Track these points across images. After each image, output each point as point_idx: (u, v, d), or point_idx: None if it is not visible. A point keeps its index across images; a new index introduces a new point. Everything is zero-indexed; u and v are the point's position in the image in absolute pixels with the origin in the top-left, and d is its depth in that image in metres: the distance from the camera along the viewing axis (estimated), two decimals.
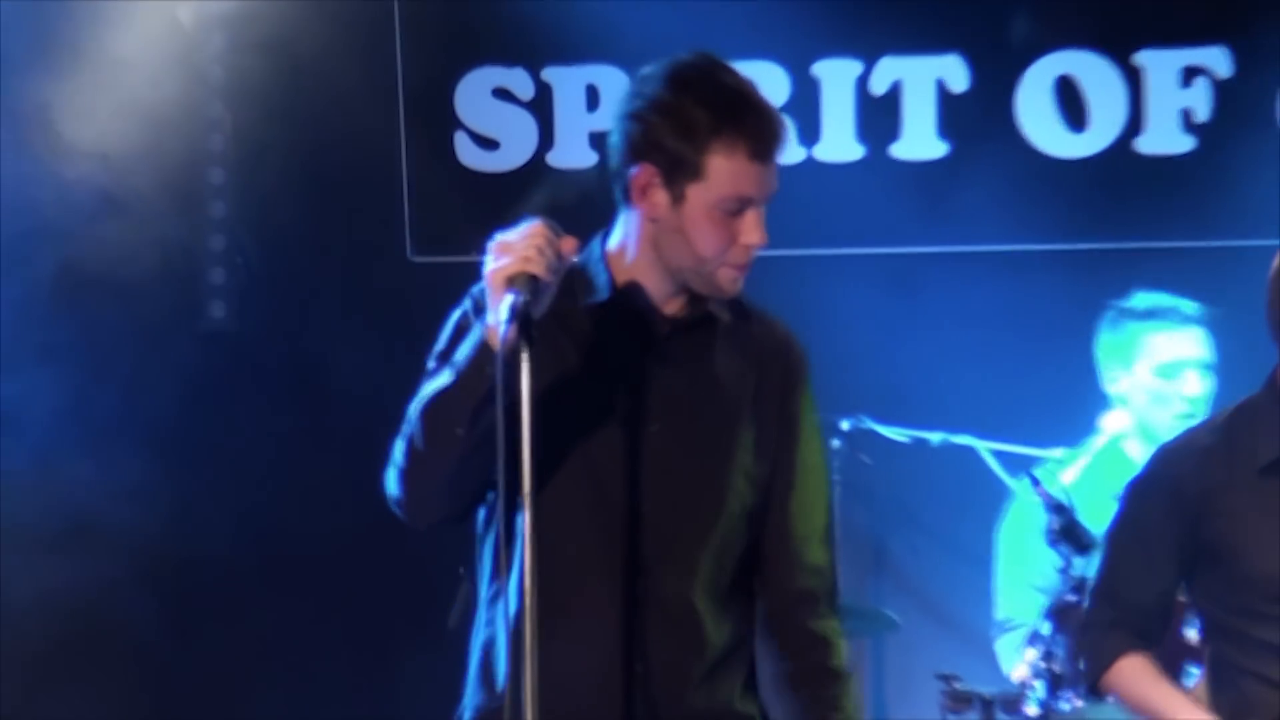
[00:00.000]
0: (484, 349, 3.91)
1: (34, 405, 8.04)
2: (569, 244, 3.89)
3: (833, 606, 4.36)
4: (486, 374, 3.89)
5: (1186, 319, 6.81)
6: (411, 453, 4.11)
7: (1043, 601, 6.65)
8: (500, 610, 4.15)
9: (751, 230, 4.09)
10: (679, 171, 4.07)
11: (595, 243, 4.20)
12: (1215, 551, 5.24)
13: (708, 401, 4.31)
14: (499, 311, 3.82)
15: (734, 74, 4.17)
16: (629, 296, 4.21)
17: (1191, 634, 5.62)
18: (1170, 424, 6.60)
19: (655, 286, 4.18)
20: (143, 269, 8.02)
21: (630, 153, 4.04)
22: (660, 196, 4.08)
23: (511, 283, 3.83)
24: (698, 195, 4.05)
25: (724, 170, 4.06)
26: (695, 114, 4.07)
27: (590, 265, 4.18)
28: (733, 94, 4.13)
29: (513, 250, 3.88)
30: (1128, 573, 5.43)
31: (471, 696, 4.26)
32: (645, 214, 4.08)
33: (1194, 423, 6.09)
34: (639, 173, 4.08)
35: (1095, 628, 5.46)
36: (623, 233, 4.16)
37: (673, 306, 4.21)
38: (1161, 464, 5.47)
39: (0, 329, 8.04)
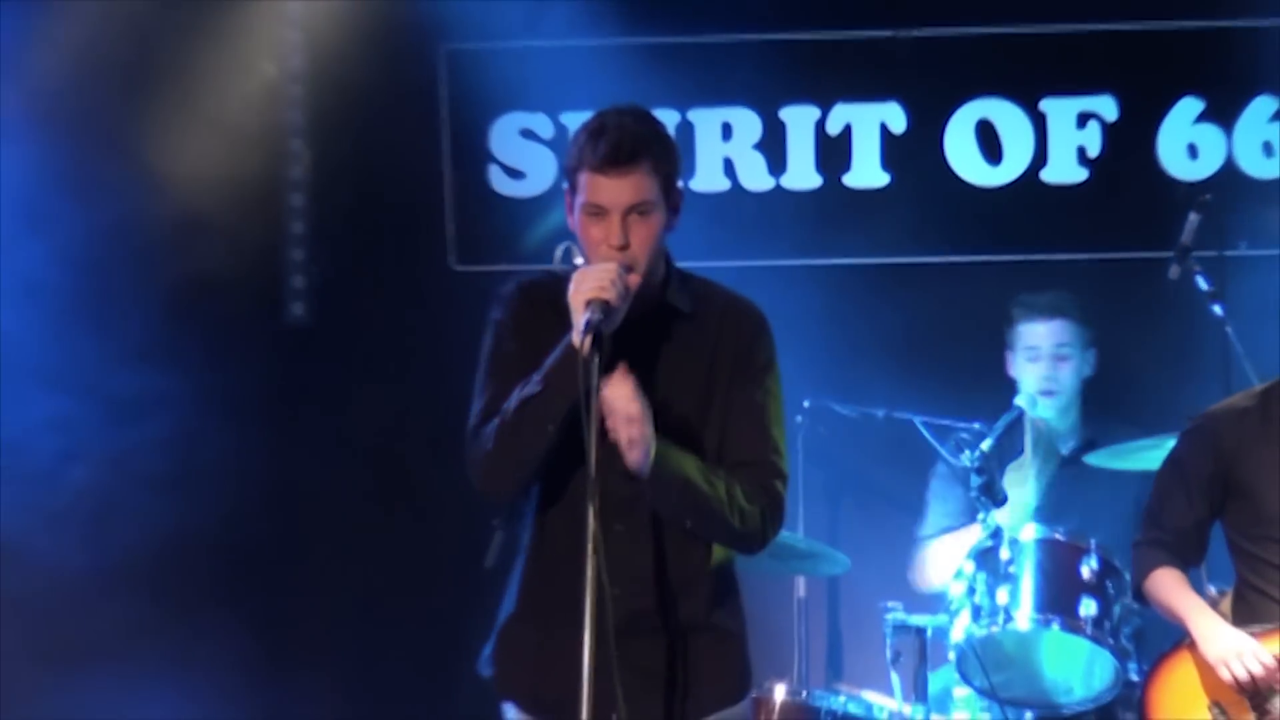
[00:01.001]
0: (567, 356, 4.64)
1: (159, 385, 8.74)
2: (634, 279, 4.69)
3: (762, 514, 5.10)
4: (569, 376, 4.64)
5: (1050, 312, 7.56)
6: (504, 444, 4.89)
7: (952, 526, 7.68)
8: (540, 542, 5.02)
9: (609, 233, 4.87)
10: (570, 188, 4.88)
11: None
12: (1243, 491, 6.22)
13: (672, 378, 5.04)
14: (579, 326, 4.59)
15: (619, 114, 4.97)
16: None
17: (1086, 570, 6.60)
18: (1037, 399, 7.46)
19: None
20: (238, 276, 8.81)
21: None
22: (571, 209, 4.93)
23: (588, 305, 4.58)
24: (574, 204, 4.85)
25: (583, 182, 4.83)
26: (576, 142, 4.87)
27: None
28: (597, 127, 4.89)
29: (591, 279, 4.66)
30: (1171, 504, 6.32)
31: (506, 607, 5.09)
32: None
33: (1052, 399, 7.32)
34: (566, 190, 4.93)
35: (1141, 545, 6.36)
36: None
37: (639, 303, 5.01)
38: (1208, 419, 6.38)
39: (130, 327, 8.75)
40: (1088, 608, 6.67)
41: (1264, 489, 6.25)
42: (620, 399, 4.68)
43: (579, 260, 5.12)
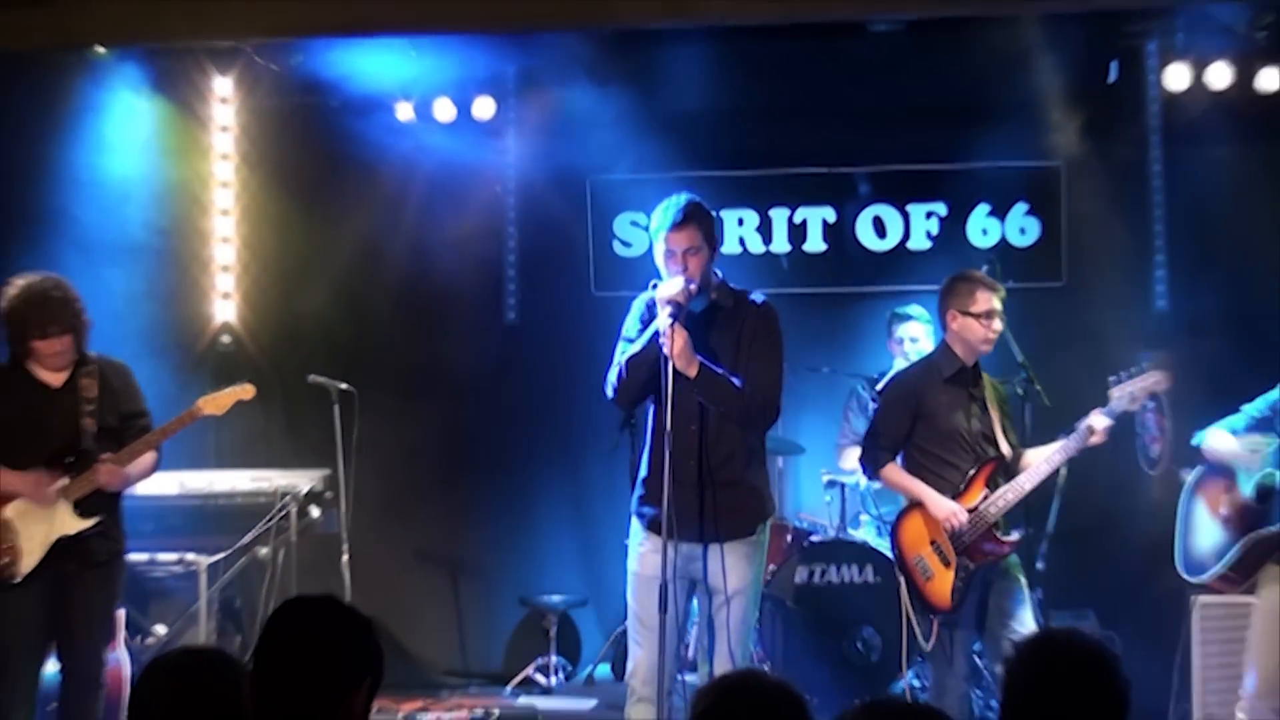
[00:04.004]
0: (656, 335, 6.17)
1: (471, 369, 10.84)
2: (693, 288, 6.26)
3: (763, 406, 6.48)
4: (658, 344, 6.13)
5: (908, 318, 9.43)
6: (627, 377, 6.38)
7: (856, 440, 8.84)
8: (653, 435, 6.41)
9: (677, 264, 6.34)
10: (656, 241, 6.39)
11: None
12: (924, 417, 7.38)
13: (719, 342, 6.44)
14: (663, 316, 6.15)
15: (681, 197, 6.50)
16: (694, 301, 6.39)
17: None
18: (903, 362, 8.88)
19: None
20: (475, 294, 10.93)
21: None
22: (657, 253, 6.37)
23: (669, 302, 6.16)
24: (658, 250, 6.41)
25: (662, 236, 6.39)
26: (656, 215, 6.43)
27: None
28: (667, 205, 6.42)
29: (668, 288, 6.23)
30: (887, 427, 7.47)
31: (641, 472, 6.58)
32: None
33: (919, 359, 8.01)
34: (654, 244, 6.44)
35: (873, 450, 7.47)
36: None
37: (702, 302, 6.46)
38: (905, 373, 7.74)
39: (366, 343, 10.62)
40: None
41: (939, 415, 7.38)
42: (678, 343, 6.18)
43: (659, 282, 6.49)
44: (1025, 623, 7.19)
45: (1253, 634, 7.09)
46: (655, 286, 6.46)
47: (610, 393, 6.50)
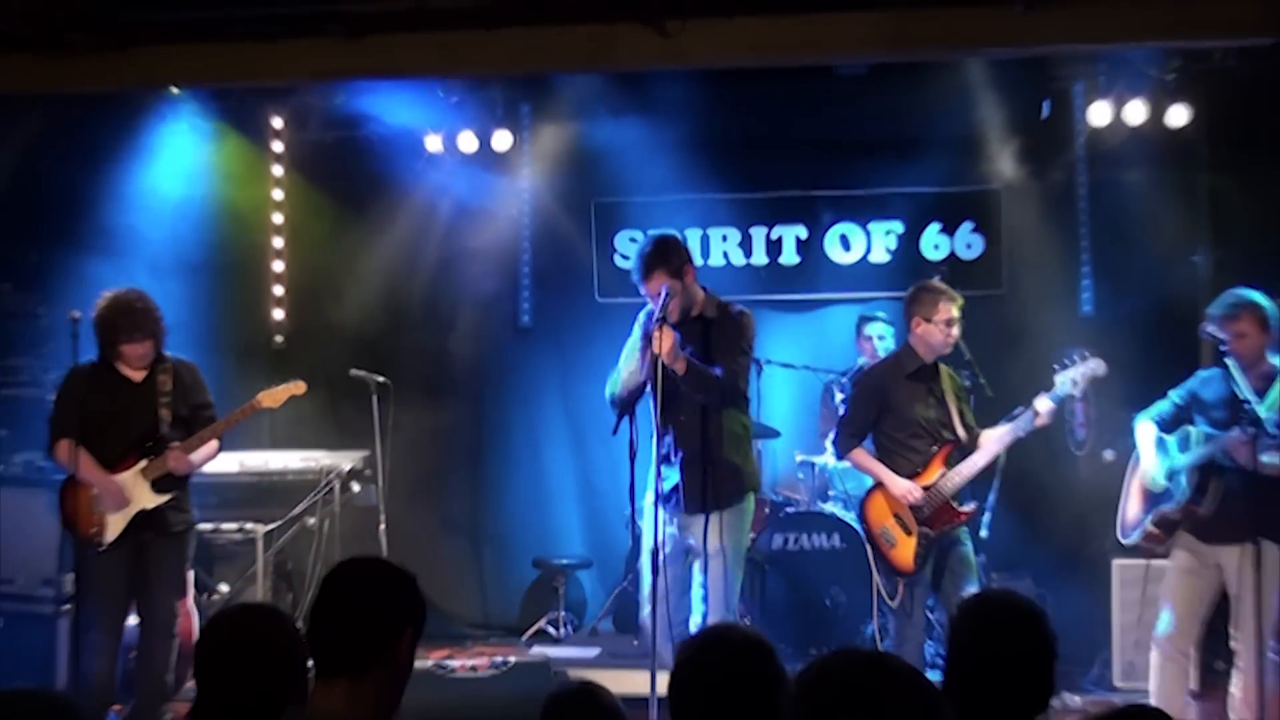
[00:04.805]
0: (648, 339, 6.36)
1: (490, 365, 10.92)
2: (672, 310, 6.47)
3: (732, 390, 6.68)
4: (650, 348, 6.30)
5: (877, 320, 9.47)
6: (626, 378, 6.55)
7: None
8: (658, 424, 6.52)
9: (657, 304, 6.42)
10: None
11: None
12: (890, 408, 7.41)
13: (709, 345, 6.64)
14: (653, 327, 6.33)
15: (643, 245, 6.65)
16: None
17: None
18: (873, 358, 8.93)
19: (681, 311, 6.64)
20: (493, 300, 10.98)
21: None
22: None
23: (656, 319, 6.37)
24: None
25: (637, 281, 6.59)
26: (632, 263, 6.62)
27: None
28: (635, 254, 6.62)
29: (662, 346, 6.33)
30: (857, 416, 7.52)
31: (651, 455, 6.70)
32: None
33: (881, 358, 8.12)
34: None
35: (843, 436, 7.53)
36: None
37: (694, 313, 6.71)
38: (872, 370, 7.74)
39: (400, 342, 10.63)
40: None
41: (901, 406, 7.42)
42: (667, 343, 6.34)
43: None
44: (973, 583, 7.27)
45: (1166, 586, 7.21)
46: (649, 310, 6.63)
47: (610, 398, 6.69)
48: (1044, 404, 7.22)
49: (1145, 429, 7.25)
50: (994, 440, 7.37)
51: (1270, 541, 6.66)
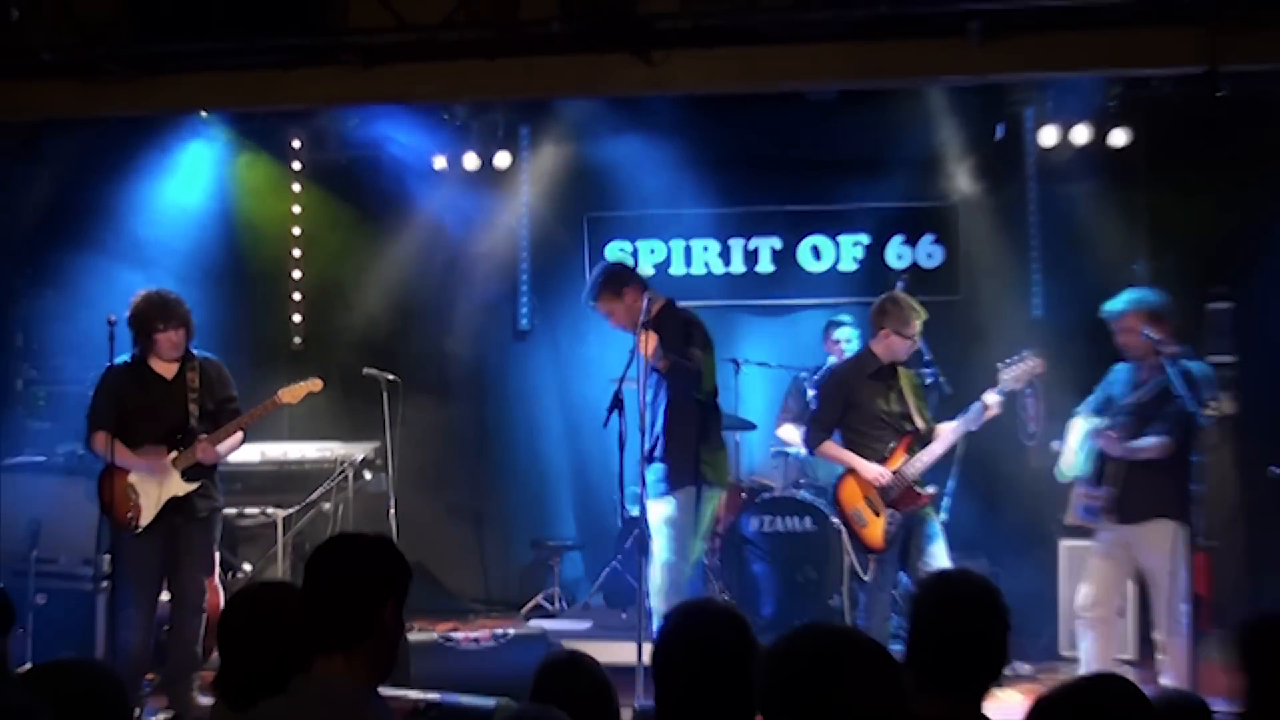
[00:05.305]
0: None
1: (491, 363, 10.95)
2: (628, 325, 6.98)
3: (702, 375, 7.08)
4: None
5: (843, 324, 9.42)
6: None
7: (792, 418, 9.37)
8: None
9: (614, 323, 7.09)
10: None
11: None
12: (855, 404, 7.56)
13: (666, 341, 6.87)
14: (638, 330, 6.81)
15: (591, 276, 7.19)
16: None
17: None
18: (840, 356, 8.99)
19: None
20: (495, 305, 10.97)
21: None
22: None
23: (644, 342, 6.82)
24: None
25: None
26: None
27: None
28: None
29: (647, 348, 6.85)
30: (826, 411, 7.66)
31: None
32: None
33: (846, 358, 8.35)
34: None
35: (813, 430, 7.69)
36: None
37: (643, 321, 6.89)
38: (837, 370, 7.92)
39: (409, 344, 10.61)
40: None
41: (865, 402, 7.58)
42: (651, 344, 6.80)
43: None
44: (939, 558, 7.37)
45: (1087, 563, 7.41)
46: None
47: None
48: (991, 398, 7.37)
49: (1077, 425, 7.37)
50: (949, 431, 7.49)
51: (1170, 519, 6.86)
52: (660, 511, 7.19)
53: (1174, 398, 6.82)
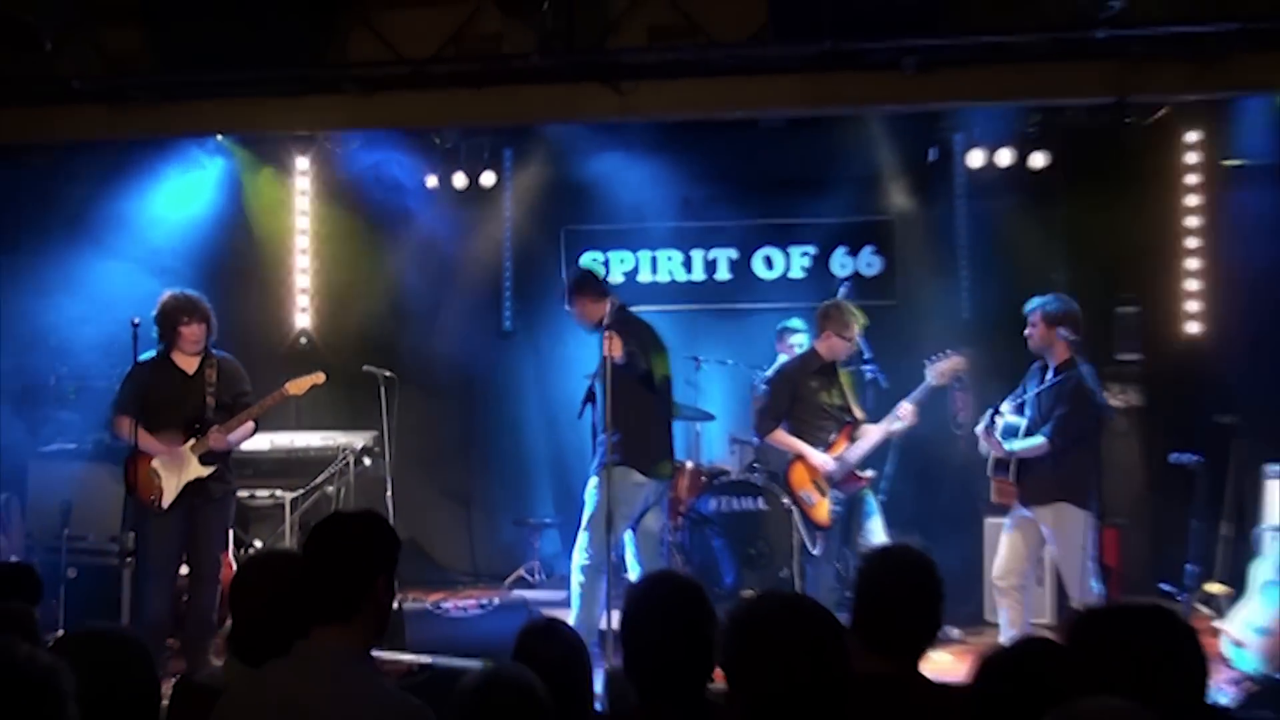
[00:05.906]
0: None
1: (478, 361, 10.75)
2: (592, 326, 7.01)
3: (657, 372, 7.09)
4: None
5: (796, 330, 9.05)
6: None
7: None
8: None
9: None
10: None
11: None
12: (799, 398, 7.66)
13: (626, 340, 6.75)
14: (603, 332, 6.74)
15: (566, 283, 7.16)
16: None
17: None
18: (788, 356, 8.59)
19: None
20: (481, 308, 10.80)
21: None
22: None
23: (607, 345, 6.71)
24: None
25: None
26: None
27: None
28: None
29: (611, 350, 6.72)
30: (776, 404, 7.64)
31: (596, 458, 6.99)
32: None
33: (794, 356, 8.25)
34: None
35: (765, 421, 7.73)
36: None
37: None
38: (785, 367, 7.96)
39: (403, 343, 10.27)
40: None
41: (810, 396, 7.67)
42: (614, 342, 6.68)
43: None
44: (877, 533, 7.51)
45: (1000, 538, 7.39)
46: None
47: None
48: (905, 408, 7.46)
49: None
50: (875, 431, 7.59)
51: (1068, 503, 6.85)
52: (593, 484, 7.15)
53: (1061, 398, 6.87)
